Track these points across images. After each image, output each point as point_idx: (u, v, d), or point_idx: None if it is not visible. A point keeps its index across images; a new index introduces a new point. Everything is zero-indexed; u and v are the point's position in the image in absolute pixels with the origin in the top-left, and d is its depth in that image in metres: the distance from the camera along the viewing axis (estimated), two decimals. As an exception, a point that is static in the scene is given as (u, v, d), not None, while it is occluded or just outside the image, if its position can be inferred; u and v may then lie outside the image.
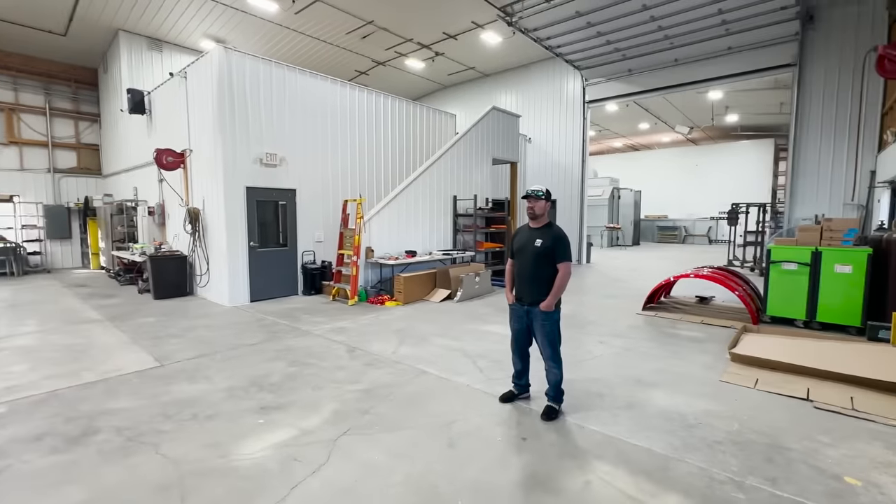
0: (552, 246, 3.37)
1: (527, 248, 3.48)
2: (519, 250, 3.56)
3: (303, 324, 6.44)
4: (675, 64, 12.03)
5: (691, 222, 24.89)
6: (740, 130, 23.51)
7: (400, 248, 8.97)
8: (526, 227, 3.63)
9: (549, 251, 3.37)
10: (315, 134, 8.88)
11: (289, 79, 8.40)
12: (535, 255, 3.41)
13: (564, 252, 3.37)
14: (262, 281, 8.13)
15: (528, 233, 3.53)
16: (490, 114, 11.21)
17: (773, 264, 6.34)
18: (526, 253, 3.48)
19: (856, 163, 9.80)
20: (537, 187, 3.48)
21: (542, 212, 3.47)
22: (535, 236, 3.45)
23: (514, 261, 3.63)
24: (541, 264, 3.40)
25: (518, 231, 3.71)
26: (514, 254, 3.63)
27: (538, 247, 3.40)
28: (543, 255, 3.38)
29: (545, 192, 3.47)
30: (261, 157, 7.96)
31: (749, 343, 4.99)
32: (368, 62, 15.04)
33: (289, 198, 8.53)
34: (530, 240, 3.47)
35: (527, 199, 3.48)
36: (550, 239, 3.39)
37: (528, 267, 3.46)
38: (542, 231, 3.46)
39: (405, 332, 5.97)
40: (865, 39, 9.62)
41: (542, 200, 3.45)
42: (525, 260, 3.49)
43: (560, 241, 3.38)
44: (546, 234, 3.42)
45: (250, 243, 7.94)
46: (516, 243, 3.62)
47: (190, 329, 6.15)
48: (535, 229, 3.51)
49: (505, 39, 12.66)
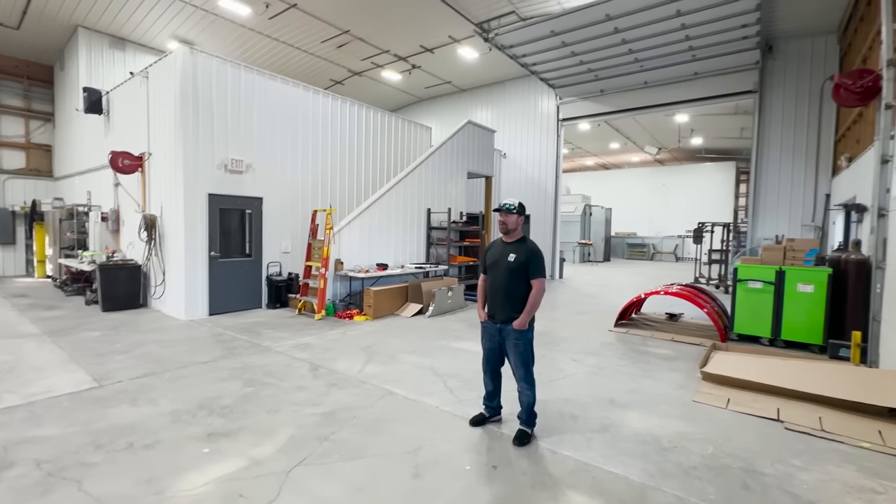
0: (526, 261, 3.23)
1: (500, 263, 3.33)
2: (492, 265, 3.42)
3: (264, 339, 6.07)
4: (644, 86, 12.41)
5: (659, 240, 25.61)
6: (704, 153, 24.54)
7: (371, 260, 8.71)
8: (499, 241, 3.49)
9: (523, 267, 3.24)
10: (285, 141, 8.59)
11: (258, 83, 8.12)
12: (509, 271, 3.27)
13: (538, 268, 3.24)
14: (223, 293, 7.69)
15: (502, 247, 3.39)
16: (465, 128, 11.21)
17: (739, 282, 6.45)
18: (499, 268, 3.33)
19: (815, 186, 10.26)
20: (510, 201, 3.36)
21: (515, 226, 3.35)
22: (509, 251, 3.32)
23: (487, 276, 3.48)
24: (514, 280, 3.26)
25: (491, 245, 3.57)
26: (487, 269, 3.48)
27: (511, 262, 3.26)
28: (517, 270, 3.24)
29: (518, 206, 3.35)
30: (225, 164, 7.60)
31: (719, 362, 4.99)
32: (344, 72, 14.88)
33: (255, 206, 8.17)
34: (503, 254, 3.33)
35: (499, 213, 3.35)
36: (524, 254, 3.26)
37: (500, 283, 3.31)
38: (515, 246, 3.33)
39: (373, 349, 5.70)
40: (819, 70, 10.19)
41: (514, 214, 3.32)
42: (498, 275, 3.34)
43: (534, 256, 3.25)
44: (519, 249, 3.29)
45: (211, 253, 7.52)
46: (489, 258, 3.47)
47: (139, 345, 5.68)
48: (508, 244, 3.37)
49: (481, 55, 12.78)
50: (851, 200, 7.49)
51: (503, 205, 3.33)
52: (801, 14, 9.56)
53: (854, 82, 5.82)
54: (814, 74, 10.22)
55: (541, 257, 3.29)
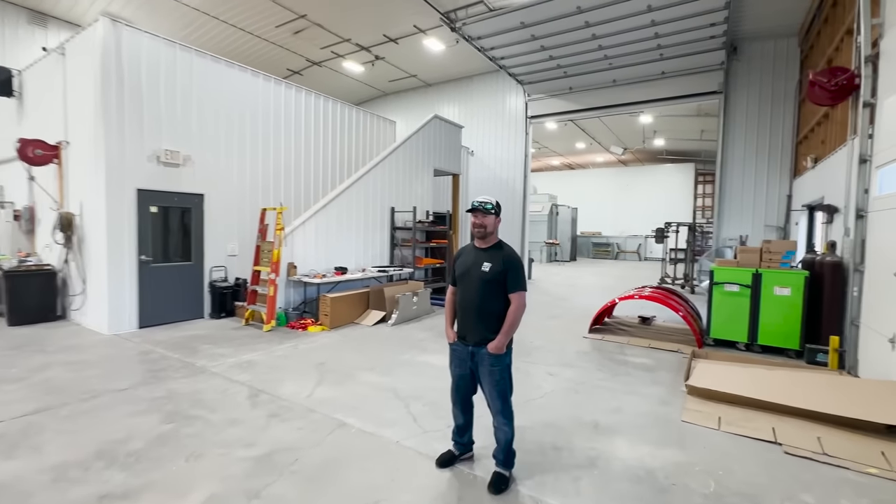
0: (503, 271, 2.70)
1: (472, 273, 2.79)
2: (462, 276, 2.86)
3: (200, 357, 5.26)
4: (612, 85, 12.26)
5: (623, 239, 26.01)
6: (665, 154, 25.12)
7: (328, 264, 7.98)
8: (471, 246, 2.94)
9: (500, 278, 2.70)
10: (231, 132, 7.71)
11: (199, 66, 7.21)
12: (483, 283, 2.73)
13: (518, 280, 2.72)
14: (157, 302, 6.77)
15: (474, 254, 2.84)
16: (432, 122, 10.63)
17: (716, 285, 6.22)
18: (471, 279, 2.79)
19: (777, 187, 10.38)
20: (486, 199, 2.82)
21: (493, 229, 2.81)
22: (483, 259, 2.77)
23: (457, 289, 2.93)
24: (489, 294, 2.72)
25: (461, 252, 3.01)
26: (456, 280, 2.92)
27: (486, 272, 2.72)
28: (492, 282, 2.71)
29: (495, 206, 2.82)
30: (158, 155, 6.67)
31: (703, 373, 4.67)
32: (302, 61, 13.94)
33: (195, 204, 7.26)
34: (476, 263, 2.79)
35: (473, 214, 2.81)
36: (501, 263, 2.72)
37: (473, 297, 2.77)
38: (490, 253, 2.79)
39: (327, 367, 5.03)
40: (781, 72, 10.30)
41: (491, 215, 2.79)
42: (469, 288, 2.79)
43: (513, 265, 2.73)
44: (495, 257, 2.75)
45: (141, 257, 6.58)
46: (459, 267, 2.92)
47: (42, 368, 4.75)
48: (481, 250, 2.83)
49: (448, 48, 12.23)
50: (818, 201, 7.47)
51: (479, 203, 2.78)
52: (764, 15, 9.60)
53: (829, 80, 5.68)
54: (776, 76, 10.34)
55: (521, 267, 2.77)
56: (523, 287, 2.73)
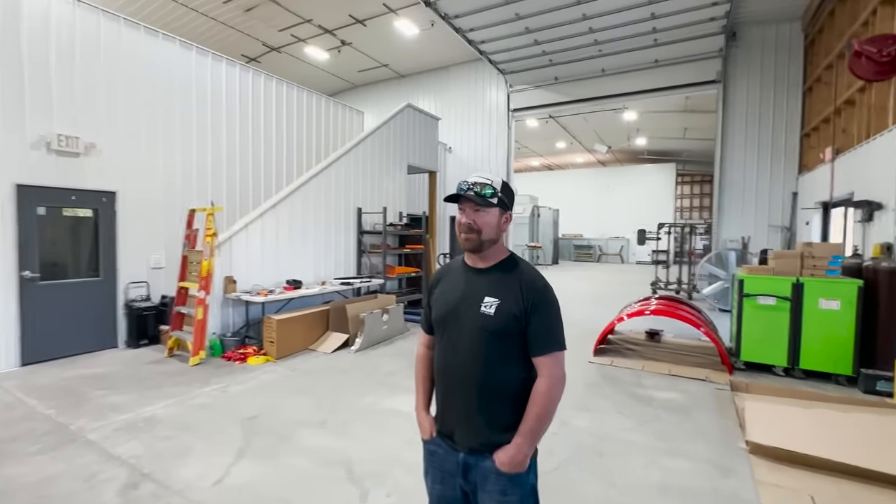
0: (524, 313, 1.43)
1: (462, 314, 1.49)
2: (445, 319, 1.55)
3: (83, 412, 3.82)
4: (601, 75, 11.30)
5: (605, 241, 25.33)
6: (646, 154, 24.59)
7: (280, 276, 6.58)
8: (458, 265, 1.63)
9: (517, 326, 1.43)
10: (153, 115, 6.25)
11: (107, 30, 5.74)
12: (484, 335, 1.44)
13: (552, 329, 1.45)
14: (48, 331, 5.24)
15: (465, 281, 1.55)
16: (404, 112, 9.36)
17: (746, 298, 5.18)
18: (461, 326, 1.49)
19: (782, 184, 9.57)
20: (482, 177, 1.52)
21: (495, 233, 1.51)
22: (482, 290, 1.48)
23: (436, 340, 1.62)
24: (496, 357, 1.44)
25: (441, 274, 1.69)
26: (435, 324, 1.62)
27: (490, 315, 1.43)
28: (503, 334, 1.43)
29: (502, 190, 1.53)
30: (48, 141, 5.17)
31: (757, 418, 3.57)
32: (259, 46, 12.46)
33: (103, 204, 5.76)
34: (470, 297, 1.49)
35: (459, 204, 1.53)
36: (519, 297, 1.44)
37: (465, 361, 1.47)
38: (495, 278, 1.50)
39: (259, 423, 3.68)
40: (783, 59, 9.52)
41: (492, 209, 1.50)
42: (459, 343, 1.49)
43: (542, 301, 1.45)
44: (506, 286, 1.47)
45: (23, 273, 5.05)
46: (439, 301, 1.60)
47: None
48: (478, 272, 1.54)
49: (422, 31, 11.01)
50: (844, 197, 6.59)
51: (470, 186, 1.50)
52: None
53: (879, 50, 4.73)
54: (778, 64, 9.55)
55: (555, 304, 1.49)
56: (561, 343, 1.46)
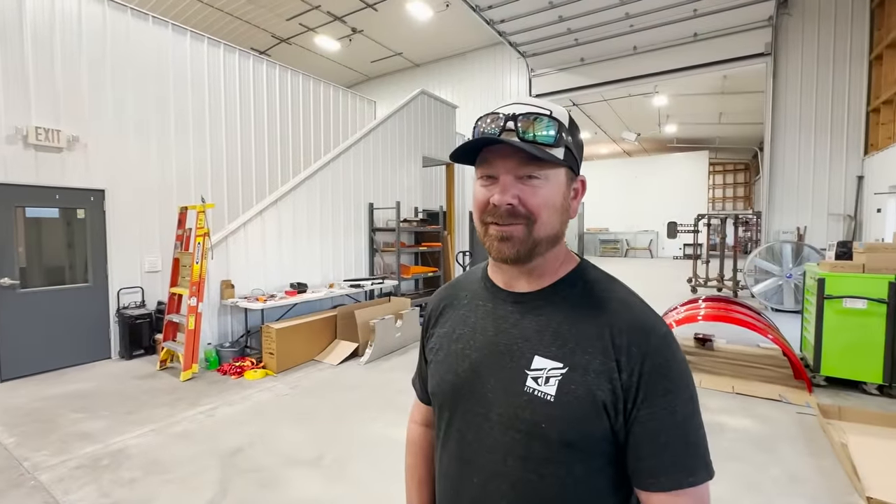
0: (626, 398, 0.59)
1: (486, 388, 0.65)
2: (452, 395, 0.70)
3: (45, 444, 3.29)
4: (633, 53, 10.35)
5: (632, 235, 24.14)
6: (676, 142, 23.23)
7: (283, 279, 6.01)
8: (476, 282, 0.77)
9: (603, 424, 0.59)
10: (144, 105, 5.74)
11: (90, 12, 5.24)
12: (533, 444, 0.61)
13: (688, 435, 0.59)
14: (29, 343, 4.79)
15: (490, 314, 0.70)
16: (418, 99, 8.67)
17: (828, 300, 4.30)
18: (485, 416, 0.65)
19: (844, 167, 8.47)
20: (533, 105, 0.69)
21: (557, 222, 0.68)
22: (525, 336, 0.64)
23: (437, 429, 0.77)
24: (558, 489, 0.59)
25: (444, 299, 0.82)
26: (434, 399, 0.77)
27: (548, 397, 0.59)
28: (575, 445, 0.59)
29: (563, 131, 0.68)
30: (25, 134, 4.70)
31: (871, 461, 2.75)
32: (267, 38, 11.98)
33: (91, 204, 5.28)
34: (504, 351, 0.65)
35: (482, 164, 0.71)
36: (612, 356, 0.60)
37: (491, 495, 0.64)
38: (556, 311, 0.65)
39: (241, 459, 3.07)
40: (844, 26, 8.39)
41: (557, 168, 0.68)
42: (478, 451, 0.65)
43: (664, 369, 0.59)
44: (582, 331, 0.62)
45: (0, 280, 4.60)
46: (439, 357, 0.75)
47: None
48: (519, 300, 0.69)
49: (437, 13, 10.30)
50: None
51: (505, 120, 0.68)
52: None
53: None
54: (838, 31, 8.43)
55: (687, 377, 0.62)
56: (706, 464, 0.60)
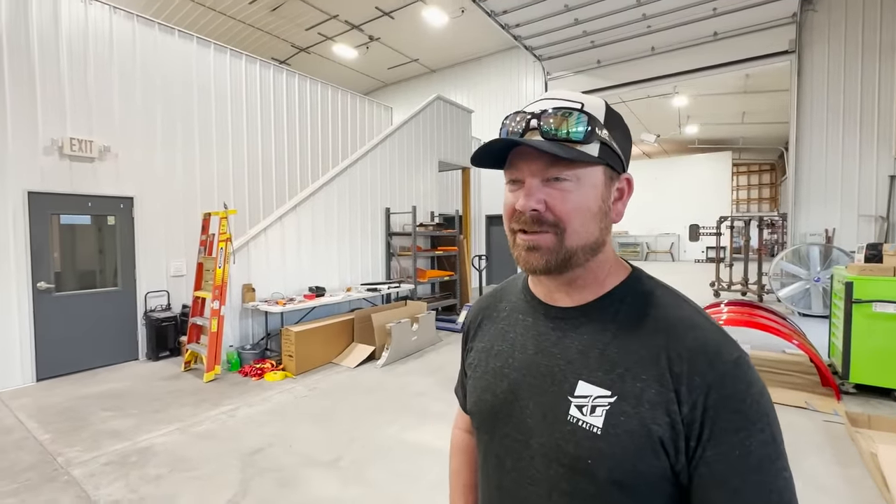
0: (689, 434, 0.53)
1: (525, 413, 0.61)
2: (491, 416, 0.66)
3: (79, 440, 3.44)
4: (650, 53, 10.22)
5: (653, 238, 23.70)
6: (697, 143, 22.75)
7: (302, 283, 6.13)
8: (517, 293, 0.73)
9: (660, 464, 0.53)
10: (171, 116, 5.97)
11: (120, 29, 5.49)
12: (577, 481, 0.56)
13: (770, 488, 0.51)
14: (65, 344, 5.01)
15: (532, 330, 0.65)
16: (434, 104, 8.76)
17: (856, 305, 4.15)
18: (525, 443, 0.60)
19: (875, 166, 8.17)
20: (561, 98, 0.60)
21: (594, 228, 0.61)
22: (569, 358, 0.60)
23: (478, 447, 0.71)
24: None
25: (485, 309, 0.78)
26: (473, 419, 0.72)
27: (595, 430, 0.55)
28: (626, 486, 0.53)
29: (605, 119, 0.61)
30: (60, 145, 4.95)
31: None
32: (287, 47, 12.28)
33: (121, 210, 5.51)
34: (545, 373, 0.61)
35: (509, 167, 0.63)
36: (670, 383, 0.54)
37: None
38: (603, 329, 0.61)
39: (262, 460, 3.15)
40: (873, 17, 8.13)
41: (591, 166, 0.60)
42: (519, 478, 0.60)
43: (735, 403, 0.52)
44: (633, 352, 0.57)
45: (38, 284, 4.84)
46: (477, 374, 0.71)
47: None
48: (561, 316, 0.64)
49: (452, 19, 10.40)
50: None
51: (531, 117, 0.59)
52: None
53: None
54: (867, 25, 8.15)
55: (768, 413, 0.53)
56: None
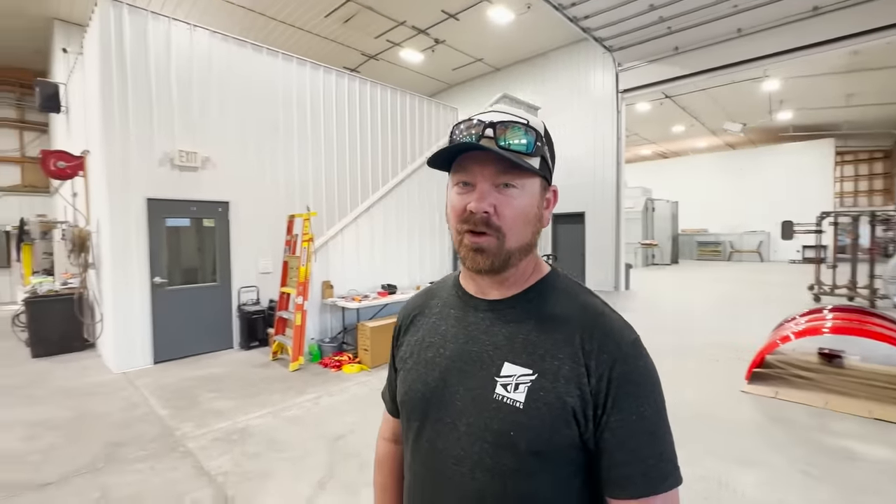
0: (597, 404, 0.62)
1: (456, 397, 0.69)
2: (421, 403, 0.73)
3: (190, 417, 3.91)
4: (737, 36, 9.40)
5: (737, 236, 21.73)
6: (792, 130, 20.46)
7: (374, 281, 6.43)
8: (448, 290, 0.81)
9: (573, 432, 0.62)
10: (259, 126, 6.53)
11: (218, 50, 6.12)
12: (503, 452, 0.63)
13: (658, 442, 0.63)
14: (175, 332, 5.69)
15: (461, 322, 0.74)
16: (500, 102, 8.74)
17: None
18: (453, 424, 0.68)
19: None
20: (509, 113, 0.69)
21: (530, 232, 0.71)
22: (495, 343, 0.68)
23: (405, 439, 0.80)
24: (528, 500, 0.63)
25: (415, 308, 0.85)
26: (402, 408, 0.80)
27: (517, 404, 0.63)
28: (545, 454, 0.61)
29: (539, 140, 0.67)
30: (171, 157, 5.62)
31: None
32: (357, 56, 12.88)
33: (219, 214, 6.14)
34: (474, 358, 0.69)
35: (458, 169, 0.70)
36: (582, 363, 0.63)
37: (456, 486, 0.67)
38: (526, 319, 0.68)
39: (345, 445, 3.37)
40: None
41: (532, 178, 0.69)
42: (445, 460, 0.68)
43: (633, 376, 0.64)
44: (551, 338, 0.65)
45: (154, 279, 5.54)
46: (408, 364, 0.79)
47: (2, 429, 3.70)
48: (489, 307, 0.72)
49: (518, 16, 10.29)
50: None
51: (485, 126, 0.66)
52: None
53: None
54: None
55: (654, 382, 0.66)
56: (673, 470, 0.64)
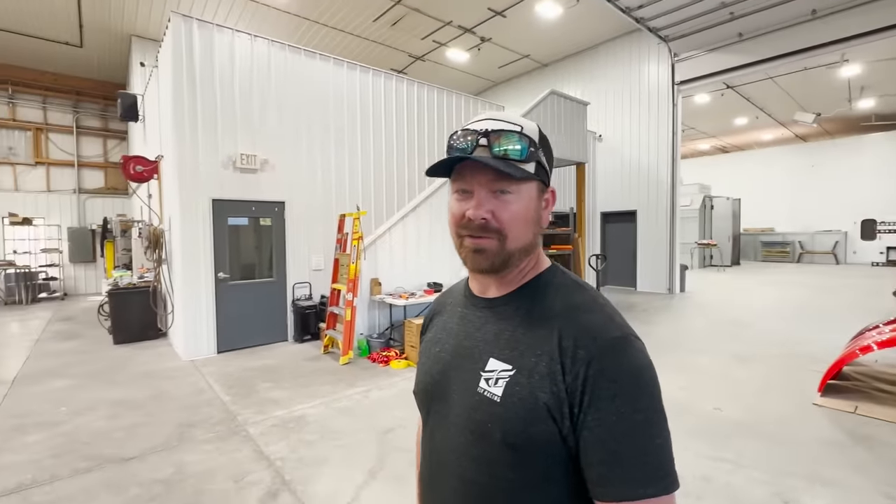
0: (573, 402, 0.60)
1: (452, 388, 0.74)
2: (427, 393, 0.81)
3: (250, 404, 4.17)
4: (811, 18, 8.65)
5: (809, 236, 20.01)
6: (874, 120, 18.52)
7: (420, 279, 6.54)
8: (458, 292, 0.89)
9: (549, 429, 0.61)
10: (312, 129, 6.82)
11: (275, 58, 6.45)
12: (481, 444, 0.66)
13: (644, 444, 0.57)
14: (236, 325, 6.08)
15: (460, 320, 0.81)
16: (548, 99, 8.58)
17: None
18: (447, 414, 0.74)
19: None
20: (503, 121, 0.70)
21: (530, 233, 0.73)
22: (483, 339, 0.73)
23: (423, 432, 0.85)
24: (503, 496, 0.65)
25: (437, 307, 0.94)
26: (416, 397, 0.86)
27: (494, 398, 0.65)
28: (519, 448, 0.62)
29: (532, 145, 0.70)
30: (233, 160, 6.00)
31: None
32: (404, 57, 13.09)
33: (275, 213, 6.49)
34: (466, 354, 0.74)
35: (456, 177, 0.75)
36: (558, 358, 0.62)
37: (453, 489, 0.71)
38: (513, 315, 0.72)
39: (394, 438, 3.46)
40: None
41: (528, 182, 0.71)
42: (441, 446, 0.74)
43: (612, 373, 0.59)
44: (533, 333, 0.67)
45: (219, 274, 5.95)
46: (422, 359, 0.87)
47: (87, 408, 4.12)
48: (484, 306, 0.79)
49: (566, 10, 10.04)
50: None
51: (479, 135, 0.69)
52: None
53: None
54: None
55: (645, 381, 0.60)
56: (666, 474, 0.57)
